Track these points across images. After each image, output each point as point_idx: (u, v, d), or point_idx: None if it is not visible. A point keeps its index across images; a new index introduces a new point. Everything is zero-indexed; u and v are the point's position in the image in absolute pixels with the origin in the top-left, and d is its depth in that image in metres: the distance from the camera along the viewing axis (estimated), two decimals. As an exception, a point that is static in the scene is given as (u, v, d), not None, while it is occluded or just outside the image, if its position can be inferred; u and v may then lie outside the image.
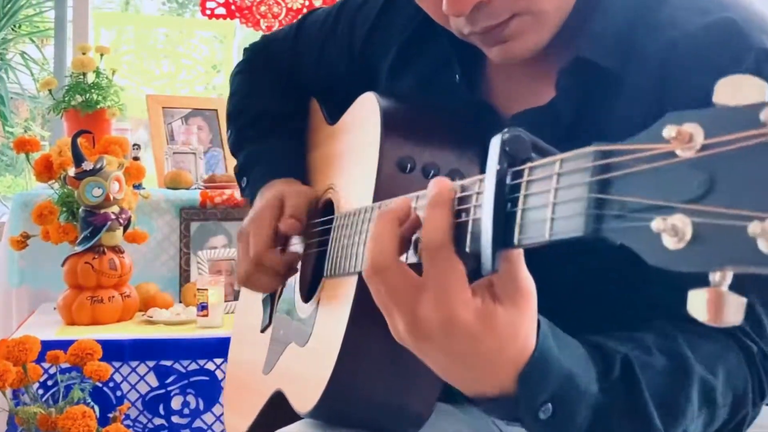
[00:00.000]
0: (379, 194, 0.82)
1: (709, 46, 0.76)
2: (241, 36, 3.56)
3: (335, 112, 1.05)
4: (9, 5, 5.15)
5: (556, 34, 0.82)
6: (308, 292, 1.00)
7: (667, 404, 0.72)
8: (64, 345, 1.86)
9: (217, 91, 3.82)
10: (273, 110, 1.17)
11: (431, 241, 0.60)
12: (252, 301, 1.20)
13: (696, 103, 0.43)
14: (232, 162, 1.24)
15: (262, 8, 3.28)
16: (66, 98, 2.61)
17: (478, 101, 0.93)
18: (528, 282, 0.61)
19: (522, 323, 0.61)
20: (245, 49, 1.28)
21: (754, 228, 0.38)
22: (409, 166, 0.83)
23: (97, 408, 1.81)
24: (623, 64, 0.81)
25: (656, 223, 0.42)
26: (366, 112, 0.92)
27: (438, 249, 0.59)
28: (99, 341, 1.85)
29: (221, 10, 3.27)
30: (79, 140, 2.20)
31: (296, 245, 1.03)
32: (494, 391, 0.64)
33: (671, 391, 0.72)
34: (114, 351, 1.95)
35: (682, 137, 0.42)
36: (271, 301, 1.12)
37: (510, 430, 0.97)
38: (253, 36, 3.70)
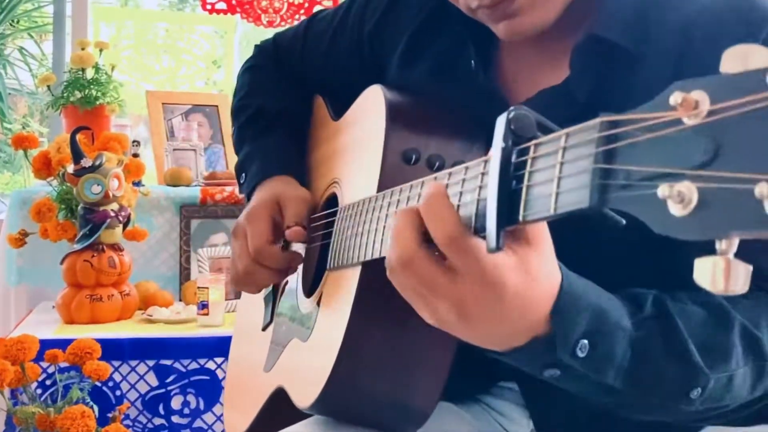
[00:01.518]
0: (384, 186, 0.81)
1: (726, 19, 0.78)
2: (242, 31, 3.55)
3: (341, 108, 1.05)
4: (7, 0, 5.13)
5: (568, 12, 0.83)
6: (311, 287, 1.00)
7: (709, 346, 0.71)
8: (62, 344, 1.84)
9: (218, 87, 3.81)
10: (273, 107, 1.17)
11: (443, 237, 0.59)
12: (253, 299, 1.19)
13: None
14: (233, 158, 1.25)
15: (263, 3, 3.27)
16: (65, 94, 2.59)
17: (489, 90, 0.92)
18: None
19: (548, 259, 0.62)
20: (256, 46, 1.28)
21: (760, 189, 0.37)
22: (414, 157, 0.83)
23: (96, 408, 1.80)
24: (639, 42, 0.81)
25: (662, 190, 0.42)
26: (371, 105, 0.91)
27: (454, 242, 0.59)
28: (98, 340, 1.84)
29: (222, 5, 3.26)
30: (78, 137, 2.18)
31: (298, 247, 1.02)
32: (528, 338, 0.64)
33: (711, 333, 0.71)
34: (113, 350, 1.94)
35: (688, 104, 0.42)
36: (273, 299, 1.12)
37: (513, 428, 0.96)
38: (254, 31, 3.69)
